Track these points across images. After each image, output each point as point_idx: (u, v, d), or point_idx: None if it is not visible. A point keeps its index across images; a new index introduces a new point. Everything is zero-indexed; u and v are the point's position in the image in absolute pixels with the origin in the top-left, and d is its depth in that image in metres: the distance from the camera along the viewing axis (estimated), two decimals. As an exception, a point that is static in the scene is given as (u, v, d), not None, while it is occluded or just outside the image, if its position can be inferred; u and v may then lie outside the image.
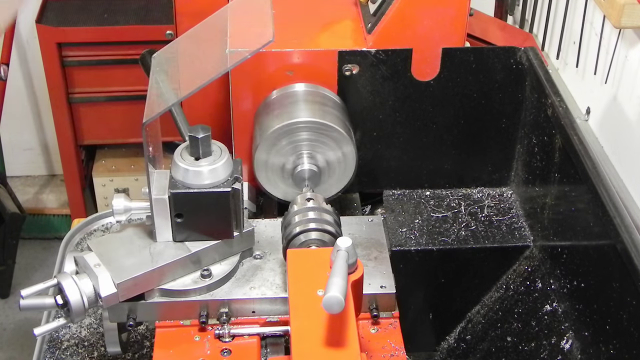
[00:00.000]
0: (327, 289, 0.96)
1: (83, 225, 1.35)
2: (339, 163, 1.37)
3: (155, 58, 1.26)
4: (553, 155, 1.33)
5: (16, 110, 3.06)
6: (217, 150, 1.19)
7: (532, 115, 1.42)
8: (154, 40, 1.77)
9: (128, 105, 2.62)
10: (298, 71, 1.40)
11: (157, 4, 2.53)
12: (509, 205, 1.49)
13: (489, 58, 1.42)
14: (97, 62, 2.60)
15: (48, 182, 3.31)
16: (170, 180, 1.18)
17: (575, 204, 1.24)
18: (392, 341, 1.16)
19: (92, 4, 2.68)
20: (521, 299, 1.37)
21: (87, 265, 1.16)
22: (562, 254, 1.28)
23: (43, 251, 3.02)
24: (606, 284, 1.12)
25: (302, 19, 1.51)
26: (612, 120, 1.39)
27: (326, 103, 1.39)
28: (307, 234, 1.20)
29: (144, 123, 1.10)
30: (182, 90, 1.17)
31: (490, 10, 2.04)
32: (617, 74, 1.37)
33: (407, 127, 1.47)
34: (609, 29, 1.40)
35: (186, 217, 1.18)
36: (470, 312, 1.46)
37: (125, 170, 2.84)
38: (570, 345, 1.21)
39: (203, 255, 1.20)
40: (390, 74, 1.40)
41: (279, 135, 1.34)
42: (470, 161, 1.51)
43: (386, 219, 1.45)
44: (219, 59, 1.16)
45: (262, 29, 1.17)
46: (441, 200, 1.51)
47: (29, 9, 2.74)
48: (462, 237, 1.42)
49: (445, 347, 1.47)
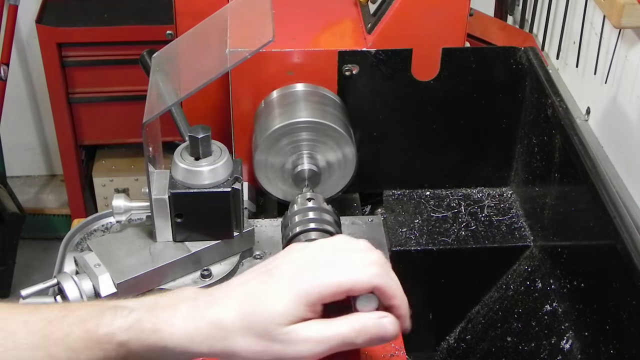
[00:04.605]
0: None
1: (83, 225, 1.35)
2: (339, 163, 1.37)
3: (155, 58, 1.26)
4: (553, 155, 1.33)
5: (16, 110, 3.06)
6: (217, 150, 1.19)
7: (532, 115, 1.42)
8: (154, 40, 1.76)
9: (128, 105, 2.63)
10: (298, 71, 1.40)
11: (157, 4, 2.53)
12: (509, 205, 1.50)
13: (489, 58, 1.42)
14: (97, 62, 2.60)
15: (48, 182, 3.31)
16: (170, 180, 1.18)
17: (575, 204, 1.24)
18: (392, 341, 1.16)
19: (92, 4, 2.68)
20: (521, 299, 1.37)
21: (87, 265, 1.16)
22: (562, 254, 1.28)
23: (43, 251, 3.02)
24: (606, 284, 1.12)
25: (302, 19, 1.51)
26: (612, 120, 1.39)
27: (326, 103, 1.39)
28: (307, 234, 1.20)
29: (144, 123, 1.10)
30: (182, 90, 1.17)
31: (490, 10, 2.04)
32: (617, 74, 1.37)
33: (407, 127, 1.47)
34: (609, 29, 1.40)
35: (186, 217, 1.18)
36: (470, 312, 1.46)
37: (125, 170, 2.84)
38: (570, 345, 1.21)
39: (203, 255, 1.21)
40: (390, 74, 1.40)
41: (279, 135, 1.34)
42: (470, 161, 1.51)
43: (386, 219, 1.45)
44: (219, 59, 1.16)
45: (262, 29, 1.17)
46: (441, 200, 1.51)
47: (29, 9, 2.75)
48: (462, 237, 1.42)
49: (445, 347, 1.47)
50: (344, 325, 0.87)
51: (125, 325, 0.84)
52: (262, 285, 0.88)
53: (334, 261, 0.89)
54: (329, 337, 0.86)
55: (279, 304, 0.85)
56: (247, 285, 0.89)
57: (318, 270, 0.87)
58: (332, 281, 0.86)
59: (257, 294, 0.87)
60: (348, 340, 0.86)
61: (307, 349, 0.85)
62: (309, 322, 0.86)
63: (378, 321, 0.88)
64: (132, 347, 0.84)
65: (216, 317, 0.86)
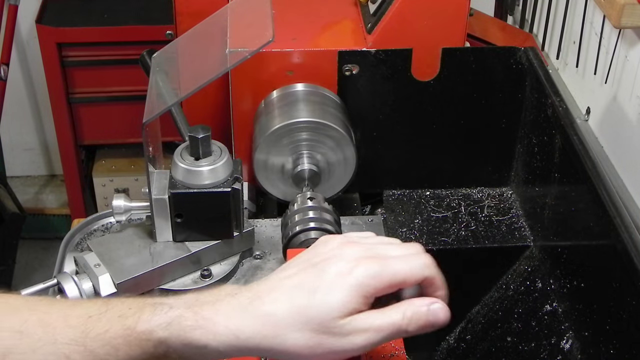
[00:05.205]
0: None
1: (83, 225, 1.35)
2: (339, 163, 1.37)
3: (155, 58, 1.26)
4: (553, 155, 1.33)
5: (16, 110, 3.06)
6: (217, 150, 1.19)
7: (532, 115, 1.42)
8: (154, 40, 1.77)
9: (128, 105, 2.63)
10: (298, 71, 1.40)
11: (157, 4, 2.53)
12: (509, 205, 1.50)
13: (489, 58, 1.42)
14: (97, 62, 2.60)
15: (48, 182, 3.31)
16: (170, 180, 1.18)
17: (575, 204, 1.24)
18: (392, 341, 1.16)
19: (92, 4, 2.68)
20: (521, 299, 1.37)
21: (87, 265, 1.16)
22: (562, 254, 1.28)
23: (43, 251, 3.02)
24: (606, 284, 1.12)
25: (302, 19, 1.51)
26: (612, 120, 1.39)
27: (326, 103, 1.39)
28: (306, 233, 1.20)
29: (144, 123, 1.10)
30: (182, 90, 1.17)
31: (490, 10, 2.04)
32: (617, 74, 1.37)
33: (407, 127, 1.47)
34: (609, 29, 1.40)
35: (186, 217, 1.19)
36: (470, 312, 1.46)
37: (125, 170, 2.84)
38: (570, 345, 1.21)
39: (203, 255, 1.21)
40: (390, 74, 1.40)
41: (279, 135, 1.34)
42: (470, 161, 1.51)
43: (386, 219, 1.45)
44: (219, 59, 1.16)
45: (262, 29, 1.17)
46: (441, 200, 1.51)
47: (29, 9, 2.75)
48: (462, 237, 1.42)
49: (445, 347, 1.47)
50: (397, 314, 0.86)
51: (164, 321, 0.83)
52: (315, 279, 0.86)
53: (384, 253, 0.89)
54: (383, 327, 0.86)
55: (336, 297, 0.84)
56: (296, 279, 0.87)
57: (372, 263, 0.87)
58: (388, 272, 0.86)
59: (311, 287, 0.85)
60: (402, 329, 0.86)
61: (363, 339, 0.85)
62: (364, 313, 0.85)
63: (430, 308, 0.88)
64: (171, 344, 0.83)
65: (265, 313, 0.84)
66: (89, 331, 0.82)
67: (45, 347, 0.82)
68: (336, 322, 0.84)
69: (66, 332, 0.82)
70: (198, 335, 0.83)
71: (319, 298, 0.84)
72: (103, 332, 0.82)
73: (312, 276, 0.87)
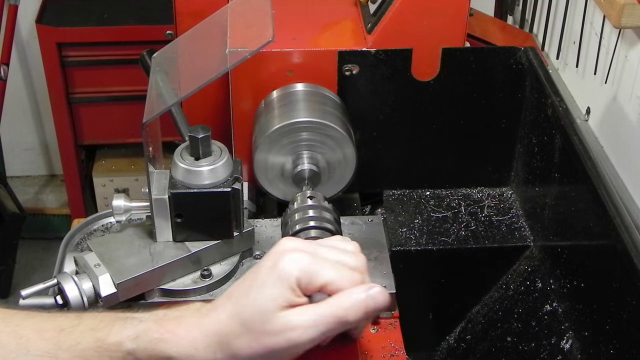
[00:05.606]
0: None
1: (83, 225, 1.35)
2: (339, 163, 1.37)
3: (155, 58, 1.26)
4: (553, 155, 1.33)
5: (16, 110, 3.06)
6: (217, 150, 1.19)
7: (532, 115, 1.42)
8: (154, 40, 1.77)
9: (128, 105, 2.63)
10: (298, 71, 1.40)
11: (157, 4, 2.53)
12: (509, 205, 1.50)
13: (489, 58, 1.42)
14: (97, 62, 2.60)
15: (48, 182, 3.31)
16: (170, 180, 1.18)
17: (575, 204, 1.24)
18: (392, 341, 1.16)
19: (92, 4, 2.69)
20: (521, 299, 1.37)
21: (87, 265, 1.16)
22: (562, 254, 1.28)
23: (43, 251, 3.02)
24: (606, 284, 1.12)
25: (302, 19, 1.51)
26: (612, 120, 1.39)
27: (326, 103, 1.39)
28: (306, 232, 1.20)
29: (144, 123, 1.10)
30: (182, 90, 1.17)
31: (490, 10, 2.04)
32: (617, 74, 1.37)
33: (407, 127, 1.47)
34: (609, 29, 1.40)
35: (186, 217, 1.18)
36: (470, 312, 1.46)
37: (125, 170, 2.84)
38: (570, 345, 1.21)
39: (203, 255, 1.20)
40: (390, 74, 1.40)
41: (279, 135, 1.34)
42: (470, 161, 1.51)
43: (386, 219, 1.45)
44: (219, 59, 1.16)
45: (262, 29, 1.17)
46: (441, 200, 1.51)
47: (29, 9, 2.75)
48: (462, 237, 1.42)
49: (445, 347, 1.47)
50: (333, 305, 0.86)
51: (133, 334, 0.86)
52: (250, 281, 0.88)
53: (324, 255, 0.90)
54: (320, 320, 0.85)
55: (265, 292, 0.86)
56: (239, 285, 0.90)
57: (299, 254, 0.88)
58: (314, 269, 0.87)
59: (246, 290, 0.88)
60: (343, 319, 0.86)
61: (299, 335, 0.85)
62: (298, 308, 0.86)
63: (368, 293, 0.87)
64: (139, 355, 0.86)
65: (213, 323, 0.87)
66: (62, 343, 0.85)
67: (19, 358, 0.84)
68: (270, 319, 0.85)
69: (39, 344, 0.85)
70: (163, 347, 0.86)
71: (252, 297, 0.86)
72: (75, 344, 0.85)
73: (251, 276, 0.89)
